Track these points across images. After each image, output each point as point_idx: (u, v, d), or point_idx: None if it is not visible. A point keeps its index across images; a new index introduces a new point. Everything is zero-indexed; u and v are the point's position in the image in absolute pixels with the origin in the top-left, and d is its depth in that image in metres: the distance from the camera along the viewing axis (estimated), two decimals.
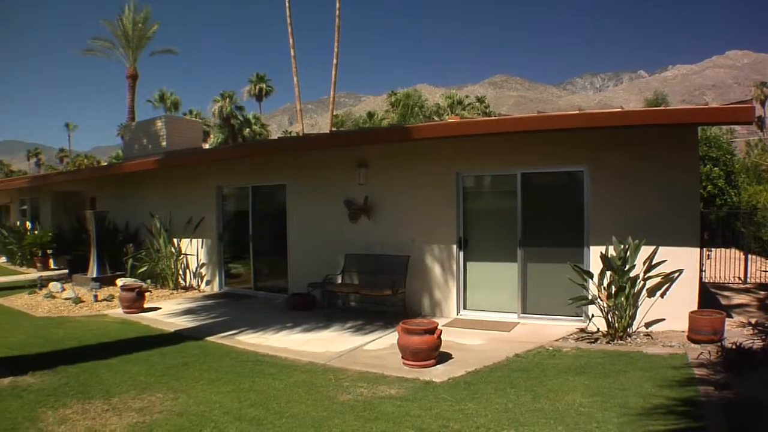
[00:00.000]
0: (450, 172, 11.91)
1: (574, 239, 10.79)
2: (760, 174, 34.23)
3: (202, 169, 16.59)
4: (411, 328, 8.16)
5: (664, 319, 9.50)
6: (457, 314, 11.87)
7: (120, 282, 15.63)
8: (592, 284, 9.59)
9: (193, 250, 16.75)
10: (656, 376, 7.21)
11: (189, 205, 16.76)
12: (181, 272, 16.71)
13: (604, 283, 9.41)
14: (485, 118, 23.17)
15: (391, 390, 7.15)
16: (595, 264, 9.96)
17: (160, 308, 13.51)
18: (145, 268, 16.41)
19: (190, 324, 11.66)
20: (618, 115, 9.73)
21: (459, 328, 10.69)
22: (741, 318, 10.50)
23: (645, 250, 9.32)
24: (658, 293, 9.34)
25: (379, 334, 10.46)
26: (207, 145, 48.82)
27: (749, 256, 16.52)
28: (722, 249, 17.28)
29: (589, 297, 9.51)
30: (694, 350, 8.33)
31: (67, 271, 19.20)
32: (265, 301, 14.34)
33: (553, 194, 11.67)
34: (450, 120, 15.05)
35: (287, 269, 14.64)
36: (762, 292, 13.93)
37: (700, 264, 10.53)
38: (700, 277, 10.41)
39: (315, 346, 9.68)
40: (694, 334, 8.85)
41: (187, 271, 16.85)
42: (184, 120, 33.61)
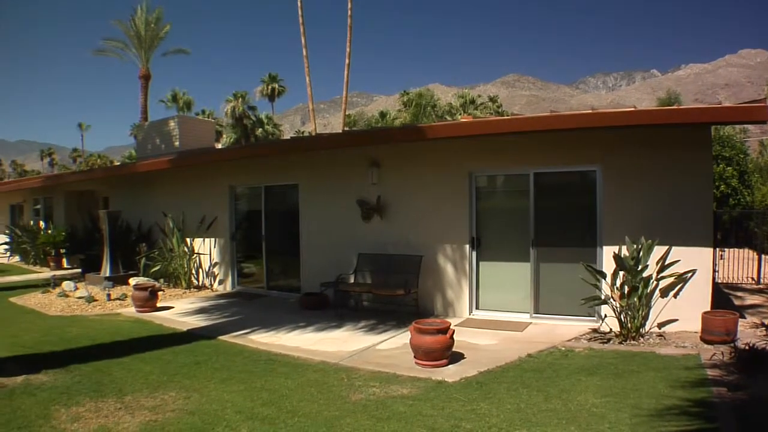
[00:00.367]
0: (463, 172, 11.88)
1: (586, 239, 10.75)
2: None
3: (215, 169, 16.62)
4: (424, 328, 8.15)
5: (676, 320, 9.45)
6: (470, 314, 11.84)
7: (133, 281, 15.69)
8: (605, 284, 9.54)
9: (206, 250, 16.78)
10: (669, 376, 7.17)
11: (202, 204, 16.80)
12: (193, 271, 16.75)
13: (617, 283, 9.36)
14: (498, 118, 23.12)
15: (404, 389, 7.13)
16: (608, 264, 9.90)
17: (172, 307, 13.55)
18: (158, 268, 16.45)
19: (202, 323, 11.68)
20: (630, 115, 9.67)
21: (471, 328, 10.65)
22: (754, 319, 10.43)
23: (658, 250, 9.27)
24: (671, 293, 9.29)
25: (391, 333, 10.45)
26: (220, 145, 48.94)
27: (762, 256, 16.43)
28: (735, 249, 17.23)
29: (602, 297, 9.45)
30: (707, 351, 8.27)
31: (80, 270, 19.28)
32: (278, 301, 14.35)
33: (566, 194, 11.61)
34: (463, 119, 15.01)
35: (300, 269, 14.64)
36: None
37: (713, 264, 10.48)
38: (713, 278, 10.37)
39: (327, 345, 9.68)
40: (707, 335, 8.80)
41: (200, 271, 16.88)
42: (197, 120, 33.72)
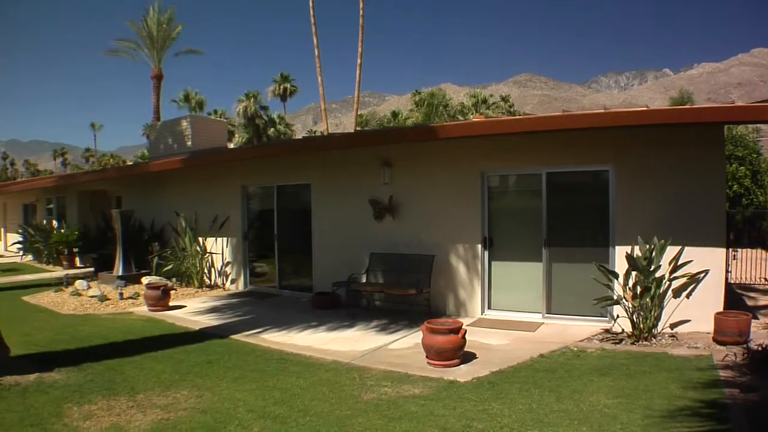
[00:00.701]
0: (475, 172, 11.86)
1: (599, 239, 10.72)
2: None
3: (227, 169, 16.67)
4: (436, 328, 8.14)
5: (689, 320, 9.37)
6: (482, 314, 11.82)
7: (145, 280, 15.74)
8: (618, 284, 9.50)
9: (218, 249, 16.81)
10: (681, 377, 7.14)
11: (214, 204, 16.84)
12: (206, 271, 16.79)
13: (630, 284, 9.31)
14: (511, 117, 23.10)
15: (415, 389, 7.13)
16: (620, 264, 9.86)
17: (185, 306, 13.59)
18: (170, 267, 16.49)
19: (214, 322, 11.71)
20: (643, 114, 9.63)
21: (483, 328, 10.63)
22: (767, 319, 10.39)
23: (670, 251, 9.22)
24: (684, 294, 9.24)
25: (403, 333, 10.45)
26: (232, 145, 49.12)
27: None
28: (748, 249, 17.15)
29: (615, 297, 9.40)
30: (720, 352, 8.24)
31: (92, 269, 19.40)
32: (290, 300, 14.37)
33: (578, 194, 11.58)
34: (475, 119, 14.99)
35: (312, 268, 14.66)
36: None
37: (726, 264, 10.43)
38: (726, 278, 10.32)
39: (339, 344, 9.69)
40: (720, 336, 8.75)
41: (212, 270, 16.92)
42: (210, 120, 33.86)
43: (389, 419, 6.04)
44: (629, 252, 9.36)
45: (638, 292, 9.16)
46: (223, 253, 16.80)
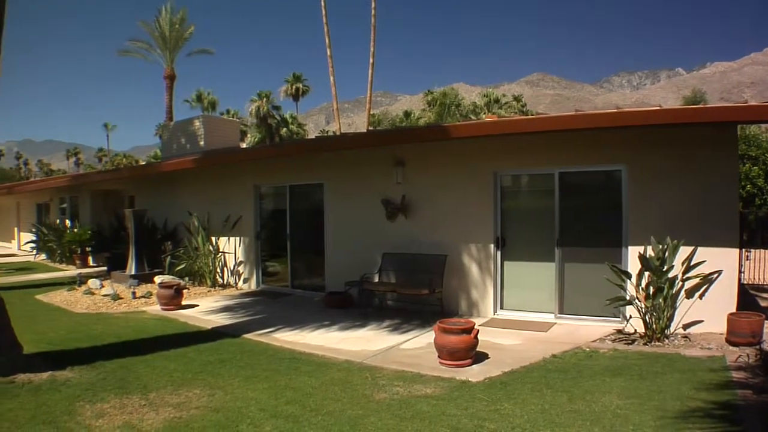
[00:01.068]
0: (487, 171, 11.83)
1: (612, 239, 10.64)
2: None
3: (240, 169, 16.71)
4: (448, 328, 8.12)
5: (702, 321, 9.35)
6: (494, 314, 11.79)
7: (158, 279, 15.77)
8: (630, 285, 9.46)
9: (231, 249, 16.86)
10: (694, 378, 7.08)
11: (227, 203, 16.89)
12: (218, 270, 16.81)
13: (642, 284, 9.26)
14: (524, 117, 23.06)
15: (427, 389, 7.11)
16: (633, 264, 9.81)
17: (197, 305, 13.62)
18: (183, 266, 16.54)
19: (227, 321, 11.73)
20: (655, 114, 9.57)
21: (496, 328, 10.60)
22: None
23: (683, 251, 9.16)
24: (697, 294, 9.21)
25: (415, 333, 10.43)
26: (244, 145, 49.24)
27: None
28: (761, 250, 16.98)
29: (627, 298, 9.36)
30: (733, 353, 8.17)
31: (105, 268, 19.49)
32: (302, 300, 14.39)
33: (591, 193, 11.53)
34: (488, 119, 14.96)
35: (324, 268, 14.66)
36: None
37: (739, 265, 10.35)
38: (739, 279, 10.23)
39: (351, 344, 9.68)
40: (733, 337, 8.68)
41: (225, 269, 16.96)
42: (222, 119, 33.93)
43: (401, 419, 6.02)
44: (642, 252, 9.30)
45: (651, 293, 9.11)
46: (235, 253, 16.85)
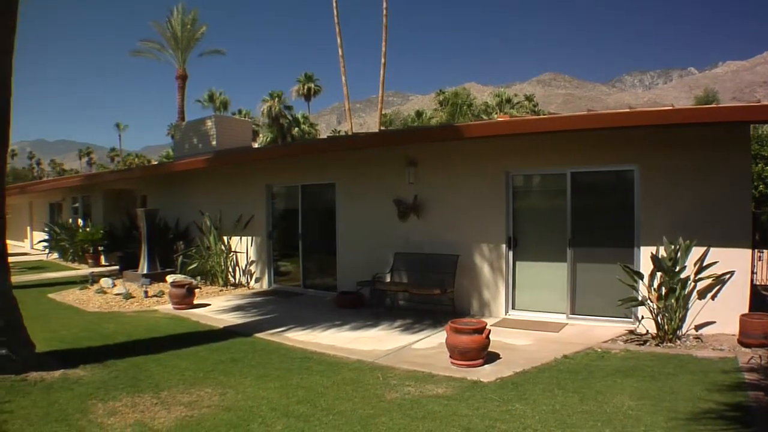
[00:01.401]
0: (499, 171, 11.80)
1: (624, 239, 10.58)
2: None
3: (252, 168, 16.74)
4: (460, 328, 8.10)
5: (714, 322, 9.29)
6: (506, 314, 11.75)
7: (170, 278, 15.82)
8: (642, 285, 9.42)
9: (243, 248, 16.88)
10: (706, 380, 7.05)
11: (239, 203, 16.92)
12: (230, 269, 16.84)
13: (654, 285, 9.23)
14: (536, 117, 23.01)
15: (439, 389, 7.10)
16: (645, 265, 9.77)
17: (209, 305, 13.63)
18: (194, 265, 16.58)
19: (239, 320, 11.74)
20: (667, 114, 9.51)
21: (507, 328, 10.57)
22: None
23: (696, 251, 9.13)
24: (709, 295, 9.17)
25: (427, 333, 10.41)
26: (256, 145, 49.29)
27: None
28: None
29: (639, 298, 9.33)
30: (745, 354, 8.13)
31: (117, 267, 19.58)
32: (314, 299, 14.39)
33: (603, 193, 11.47)
34: (500, 119, 14.93)
35: (336, 267, 14.66)
36: None
37: (752, 266, 10.29)
38: (752, 280, 10.17)
39: (363, 344, 9.67)
40: (745, 338, 8.62)
41: (237, 269, 16.99)
42: (234, 119, 33.99)
43: (412, 419, 6.01)
44: (654, 252, 9.27)
45: (663, 293, 9.07)
46: (247, 252, 16.87)
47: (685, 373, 7.43)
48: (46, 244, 26.23)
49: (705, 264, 9.04)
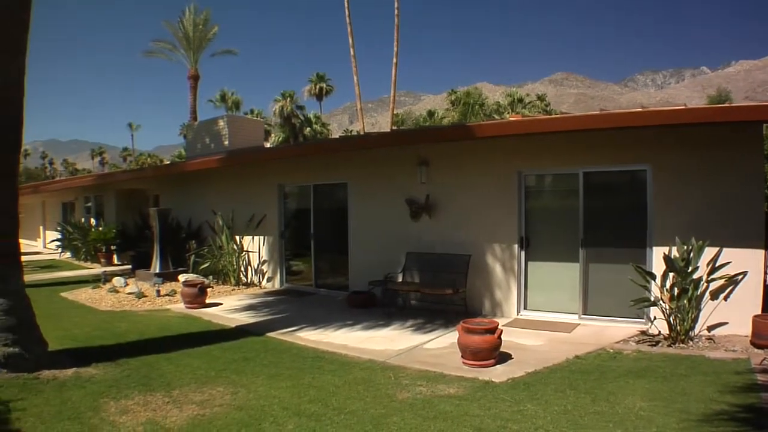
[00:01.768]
0: (511, 171, 11.77)
1: (636, 240, 10.53)
2: None
3: (264, 168, 16.78)
4: (471, 328, 8.08)
5: (726, 323, 9.23)
6: (518, 314, 11.72)
7: (182, 278, 15.87)
8: (655, 286, 9.35)
9: (255, 248, 16.90)
10: (718, 381, 7.00)
11: (251, 202, 16.95)
12: (242, 269, 16.87)
13: (667, 285, 9.17)
14: (548, 117, 22.94)
15: (450, 389, 7.08)
16: (657, 265, 9.72)
17: (221, 304, 13.66)
18: (207, 265, 16.62)
19: (251, 320, 11.76)
20: (679, 113, 9.48)
21: (519, 329, 10.54)
22: None
23: (708, 252, 9.06)
24: (722, 296, 9.12)
25: (439, 332, 10.40)
26: (268, 144, 49.33)
27: None
28: None
29: (652, 299, 9.27)
30: (758, 355, 8.07)
31: (130, 266, 19.65)
32: (326, 299, 14.40)
33: (616, 193, 11.42)
34: (512, 118, 14.90)
35: (348, 267, 14.67)
36: None
37: (765, 266, 10.23)
38: (765, 280, 10.11)
39: (375, 343, 9.66)
40: (758, 339, 8.56)
41: (249, 268, 17.00)
42: (246, 119, 34.07)
43: (424, 418, 6.00)
44: (667, 253, 9.21)
45: (675, 294, 9.01)
46: (259, 252, 16.89)
47: (697, 374, 7.39)
48: (58, 243, 26.37)
49: (718, 264, 8.98)
